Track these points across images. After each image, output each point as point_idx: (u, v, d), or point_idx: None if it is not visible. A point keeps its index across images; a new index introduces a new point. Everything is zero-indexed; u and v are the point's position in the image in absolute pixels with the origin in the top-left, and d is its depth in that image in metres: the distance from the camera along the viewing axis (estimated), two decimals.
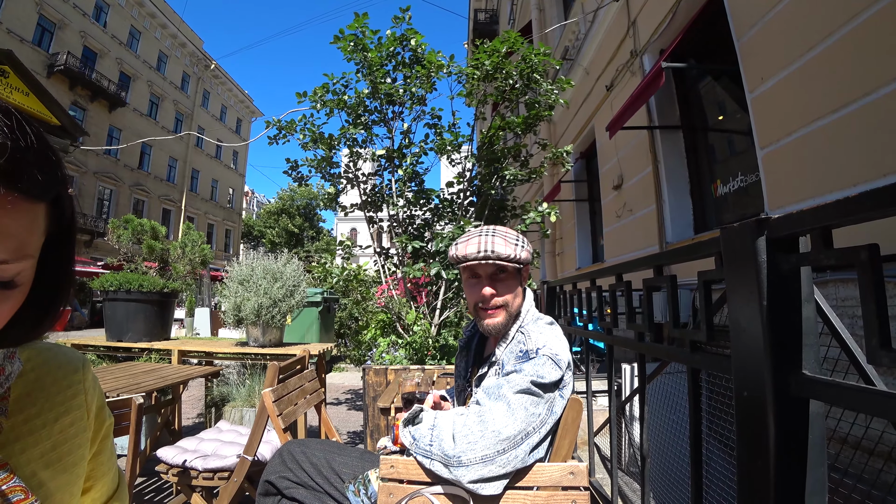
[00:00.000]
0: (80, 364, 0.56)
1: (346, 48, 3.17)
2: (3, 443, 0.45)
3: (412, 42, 3.14)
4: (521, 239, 1.25)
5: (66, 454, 0.51)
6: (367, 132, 3.41)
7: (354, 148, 3.48)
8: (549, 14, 9.19)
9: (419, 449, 1.07)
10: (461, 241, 1.25)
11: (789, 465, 0.69)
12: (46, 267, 0.44)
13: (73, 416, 0.53)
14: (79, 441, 0.53)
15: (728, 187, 4.21)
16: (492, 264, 1.21)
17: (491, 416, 1.03)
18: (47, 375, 0.52)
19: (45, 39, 18.90)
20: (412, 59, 3.23)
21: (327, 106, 3.29)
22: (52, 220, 0.42)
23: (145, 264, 3.72)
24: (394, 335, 3.32)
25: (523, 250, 1.22)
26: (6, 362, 0.45)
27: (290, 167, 3.60)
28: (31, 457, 0.47)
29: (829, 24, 2.71)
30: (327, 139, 3.39)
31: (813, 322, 0.71)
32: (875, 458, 1.22)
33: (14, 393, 0.48)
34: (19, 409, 0.48)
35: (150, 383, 2.35)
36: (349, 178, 3.57)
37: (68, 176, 0.44)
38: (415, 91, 3.22)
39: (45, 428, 0.49)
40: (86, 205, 20.34)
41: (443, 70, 3.17)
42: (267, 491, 1.37)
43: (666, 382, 2.42)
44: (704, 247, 0.98)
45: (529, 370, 1.09)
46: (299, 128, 3.38)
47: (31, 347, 0.52)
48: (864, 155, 2.53)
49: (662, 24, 4.67)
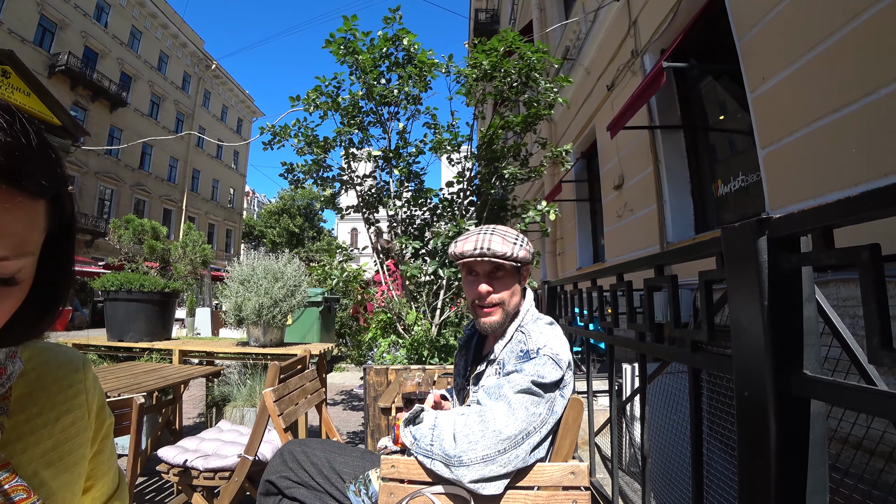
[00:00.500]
0: (80, 363, 0.56)
1: (338, 52, 3.16)
2: (5, 442, 0.45)
3: (405, 42, 3.13)
4: (521, 238, 1.25)
5: (68, 453, 0.51)
6: (362, 133, 3.40)
7: (350, 149, 3.47)
8: (549, 14, 9.19)
9: (420, 449, 1.07)
10: (460, 239, 1.26)
11: (790, 465, 0.69)
12: (47, 265, 0.44)
13: (75, 416, 0.53)
14: (80, 440, 0.53)
15: (729, 187, 4.21)
16: (488, 262, 1.22)
17: (492, 416, 1.03)
18: (48, 375, 0.52)
19: (47, 40, 18.93)
20: (405, 58, 3.22)
21: (320, 108, 3.28)
22: (52, 218, 0.42)
23: (146, 264, 3.73)
24: (394, 335, 3.32)
25: (521, 249, 1.22)
26: (8, 362, 0.45)
27: (287, 170, 3.61)
28: (32, 456, 0.47)
29: (830, 24, 2.71)
30: (322, 142, 3.38)
31: (814, 322, 0.71)
32: (876, 459, 1.22)
33: (15, 392, 0.48)
34: (21, 409, 0.48)
35: (151, 383, 2.36)
36: (344, 181, 3.56)
37: (68, 175, 0.44)
38: (409, 91, 3.22)
39: (47, 427, 0.49)
40: (87, 205, 20.37)
41: (436, 68, 3.16)
42: (268, 491, 1.37)
43: (667, 382, 2.42)
44: (705, 246, 0.98)
45: (530, 370, 1.09)
46: (293, 132, 3.38)
47: (32, 347, 0.52)
48: (864, 155, 2.53)
49: (663, 23, 4.67)
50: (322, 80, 3.26)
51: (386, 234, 3.66)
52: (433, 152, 3.40)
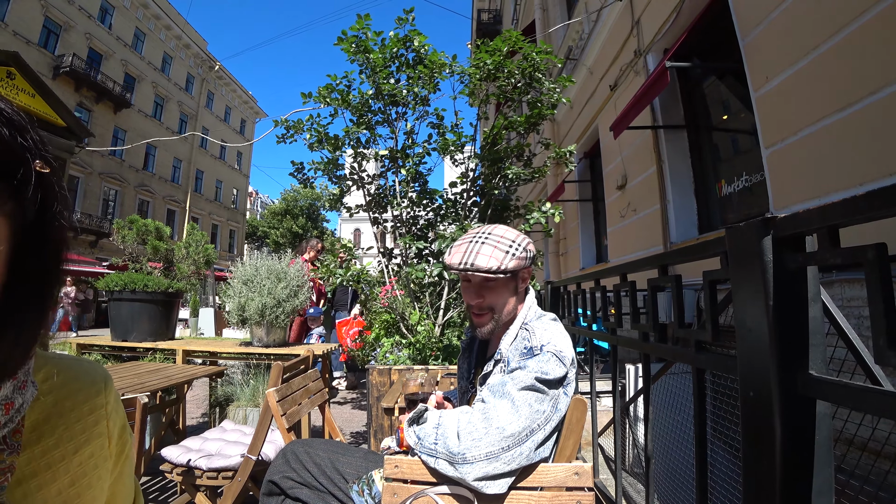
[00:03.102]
0: (102, 384, 0.50)
1: (349, 49, 3.17)
2: (20, 479, 0.40)
3: (415, 42, 3.14)
4: (517, 244, 1.21)
5: (86, 489, 0.46)
6: (370, 132, 3.42)
7: (359, 149, 3.48)
8: (552, 14, 9.18)
9: (424, 448, 1.07)
10: (454, 246, 1.25)
11: (796, 466, 0.68)
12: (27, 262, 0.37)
13: (94, 446, 0.48)
14: (99, 473, 0.48)
15: (732, 187, 4.19)
16: (490, 276, 1.20)
17: (495, 413, 1.03)
18: (67, 400, 0.46)
19: (51, 41, 19.04)
20: (415, 59, 3.23)
21: (331, 105, 3.29)
22: (18, 207, 0.35)
23: (150, 264, 3.74)
24: (397, 335, 3.32)
25: (512, 259, 1.18)
26: (16, 395, 0.39)
27: (296, 169, 3.62)
28: (48, 495, 0.42)
29: (834, 22, 2.69)
30: (332, 139, 3.40)
31: (819, 322, 0.71)
32: (882, 460, 1.21)
33: (30, 418, 0.42)
34: (37, 439, 0.43)
35: (154, 383, 2.36)
36: (354, 180, 3.58)
37: (47, 156, 0.37)
38: (418, 91, 3.23)
39: (64, 461, 0.44)
40: (91, 205, 20.47)
41: (445, 69, 3.17)
42: (271, 491, 1.37)
43: (670, 383, 2.41)
44: (710, 246, 0.98)
45: (534, 367, 1.09)
46: (306, 128, 3.39)
47: (50, 363, 0.47)
48: (869, 154, 2.51)
49: (666, 23, 4.65)
50: (333, 79, 3.28)
51: (390, 234, 3.66)
52: (439, 153, 3.40)
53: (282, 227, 35.65)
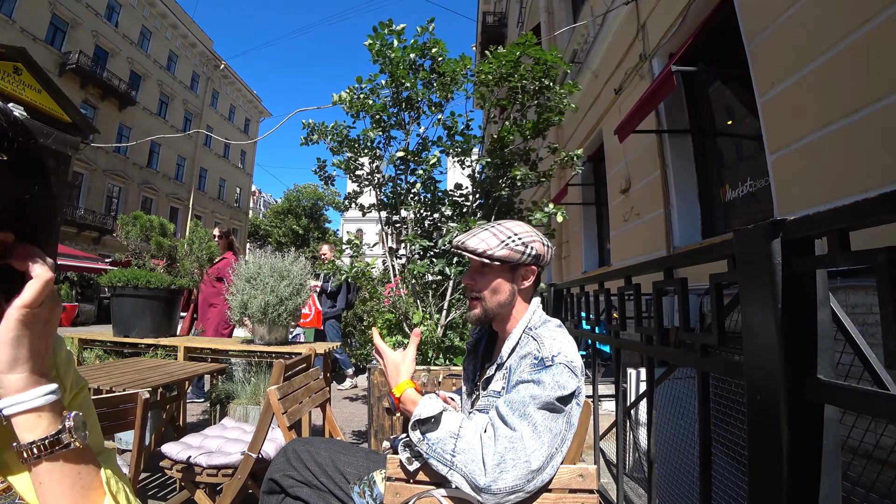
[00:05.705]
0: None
1: (374, 46, 3.24)
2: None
3: (433, 51, 3.23)
4: (517, 238, 1.21)
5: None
6: (384, 134, 3.48)
7: (374, 151, 3.53)
8: (557, 17, 9.19)
9: (436, 454, 1.04)
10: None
11: (803, 471, 0.68)
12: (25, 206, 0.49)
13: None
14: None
15: (737, 192, 4.18)
16: (475, 258, 1.22)
17: (522, 445, 1.01)
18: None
19: (58, 38, 19.16)
20: (432, 67, 3.31)
21: (354, 108, 3.37)
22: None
23: (153, 261, 3.74)
24: (400, 335, 3.31)
25: (504, 248, 1.18)
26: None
27: (319, 167, 3.67)
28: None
29: (841, 28, 2.69)
30: (352, 141, 3.47)
31: (828, 326, 0.70)
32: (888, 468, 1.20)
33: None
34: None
35: (155, 379, 2.36)
36: (370, 181, 3.64)
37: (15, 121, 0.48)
38: (431, 99, 3.29)
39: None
40: (95, 202, 20.56)
41: (460, 76, 3.22)
42: (271, 489, 1.36)
43: (672, 387, 2.40)
44: (717, 249, 0.97)
45: (549, 382, 1.06)
46: (329, 135, 3.47)
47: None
48: (877, 161, 2.50)
49: (672, 27, 4.65)
50: (359, 81, 3.36)
51: (395, 233, 3.68)
52: (449, 155, 3.42)
53: (284, 226, 35.72)
